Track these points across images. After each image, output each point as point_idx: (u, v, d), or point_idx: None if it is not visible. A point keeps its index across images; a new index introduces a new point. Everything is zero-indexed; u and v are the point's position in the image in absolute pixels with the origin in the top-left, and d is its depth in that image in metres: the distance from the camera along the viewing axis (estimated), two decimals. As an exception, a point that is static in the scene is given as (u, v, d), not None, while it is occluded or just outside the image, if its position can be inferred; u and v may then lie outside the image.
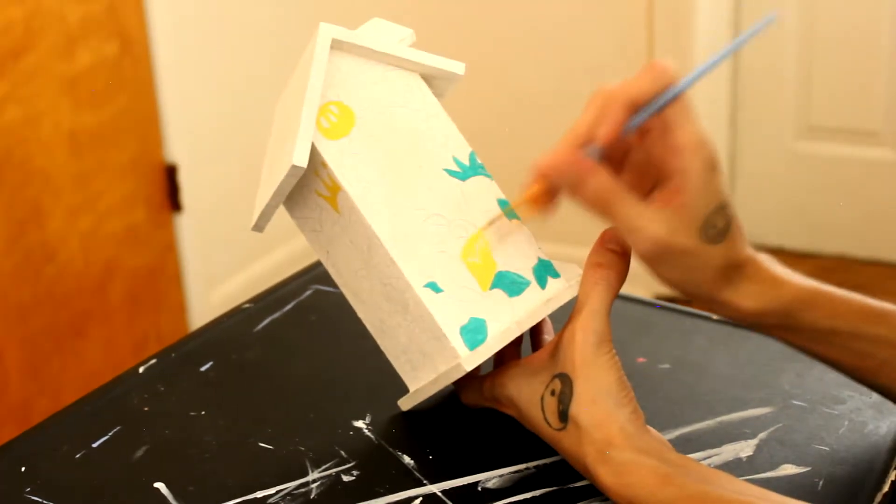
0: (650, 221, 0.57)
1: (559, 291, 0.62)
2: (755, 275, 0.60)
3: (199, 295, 2.07)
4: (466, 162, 0.64)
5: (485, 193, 0.64)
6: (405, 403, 0.67)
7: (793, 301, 0.60)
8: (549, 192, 0.60)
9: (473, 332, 0.60)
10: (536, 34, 2.19)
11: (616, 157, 0.61)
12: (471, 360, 0.60)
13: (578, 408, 0.58)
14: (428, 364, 0.62)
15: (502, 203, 0.64)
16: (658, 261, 0.58)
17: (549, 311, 0.62)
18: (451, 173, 0.64)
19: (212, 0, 2.09)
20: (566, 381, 0.59)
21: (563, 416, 0.59)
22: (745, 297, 0.60)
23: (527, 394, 0.61)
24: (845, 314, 0.61)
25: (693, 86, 0.58)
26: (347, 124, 0.63)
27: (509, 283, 0.62)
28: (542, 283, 0.63)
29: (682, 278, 0.59)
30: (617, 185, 0.58)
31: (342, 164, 0.62)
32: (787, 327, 0.61)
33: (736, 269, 0.59)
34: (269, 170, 0.65)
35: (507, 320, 0.61)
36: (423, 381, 0.64)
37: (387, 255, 0.61)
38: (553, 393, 0.60)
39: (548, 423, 0.60)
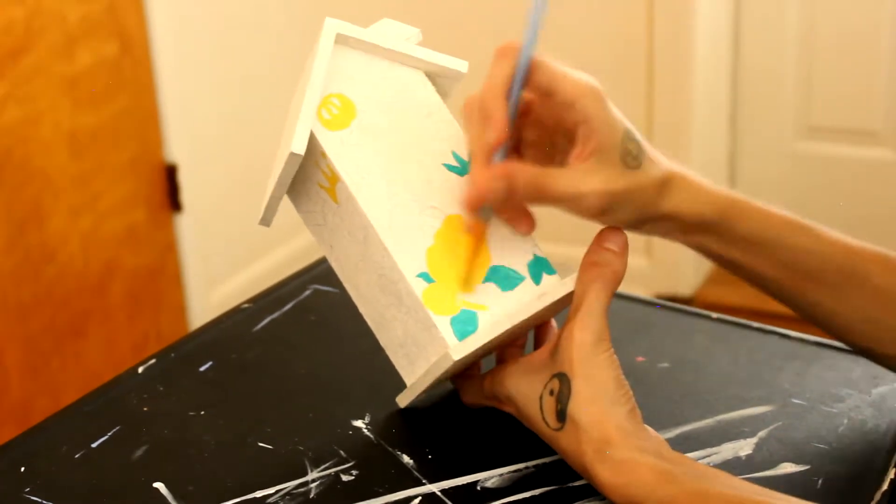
0: (581, 181, 0.59)
1: (553, 287, 0.62)
2: (686, 184, 0.62)
3: (199, 295, 2.07)
4: (466, 158, 0.64)
5: None
6: (402, 399, 0.67)
7: (724, 207, 0.62)
8: (481, 220, 0.62)
9: (464, 322, 0.60)
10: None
11: (516, 146, 0.63)
12: (459, 349, 0.60)
13: (577, 407, 0.58)
14: (422, 356, 0.63)
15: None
16: (608, 211, 0.60)
17: (543, 306, 0.62)
18: (450, 168, 0.64)
19: (212, 0, 2.10)
20: (564, 380, 0.59)
21: (561, 415, 0.59)
22: (685, 203, 0.62)
23: (525, 392, 0.61)
24: (773, 225, 0.63)
25: (535, 46, 0.59)
26: (348, 116, 0.64)
27: (503, 278, 0.62)
28: (537, 279, 0.63)
29: (632, 215, 0.61)
30: (536, 168, 0.59)
31: (341, 155, 0.62)
32: (720, 234, 0.63)
33: (667, 183, 0.61)
34: (276, 163, 0.66)
35: (498, 313, 0.61)
36: (417, 374, 0.64)
37: (381, 245, 0.61)
38: (552, 392, 0.60)
39: (546, 422, 0.60)
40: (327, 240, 0.67)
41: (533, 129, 0.63)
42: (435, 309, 0.61)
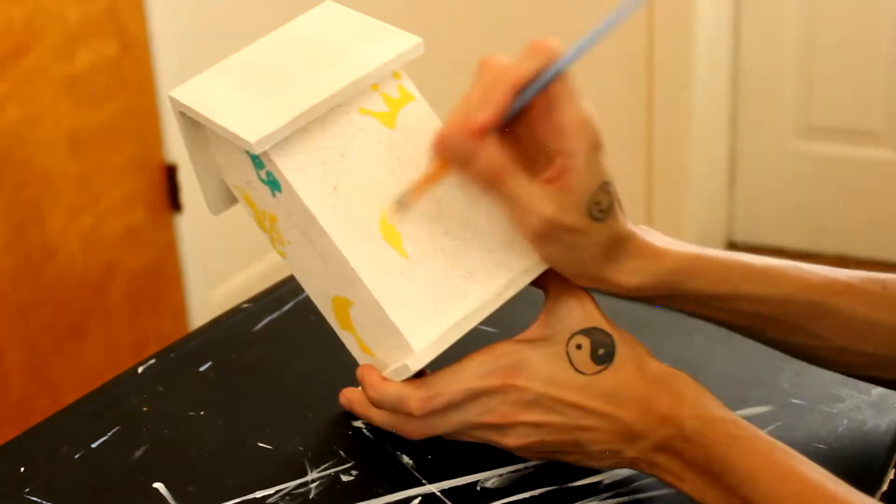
0: (539, 199, 0.57)
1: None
2: (636, 250, 0.61)
3: (199, 295, 2.07)
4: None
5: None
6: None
7: (674, 271, 0.61)
8: (441, 168, 0.60)
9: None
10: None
11: (502, 132, 0.60)
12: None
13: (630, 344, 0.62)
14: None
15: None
16: (546, 239, 0.59)
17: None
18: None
19: (212, 0, 2.10)
20: (593, 331, 0.61)
21: (607, 357, 0.60)
22: (627, 274, 0.61)
23: (547, 366, 0.60)
24: (728, 278, 0.62)
25: (573, 64, 0.57)
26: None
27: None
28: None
29: (568, 257, 0.60)
30: (506, 161, 0.58)
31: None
32: (671, 297, 0.63)
33: (618, 245, 0.60)
34: None
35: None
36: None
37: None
38: (579, 347, 0.60)
39: (581, 371, 0.60)
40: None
41: (517, 128, 0.61)
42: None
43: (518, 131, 0.60)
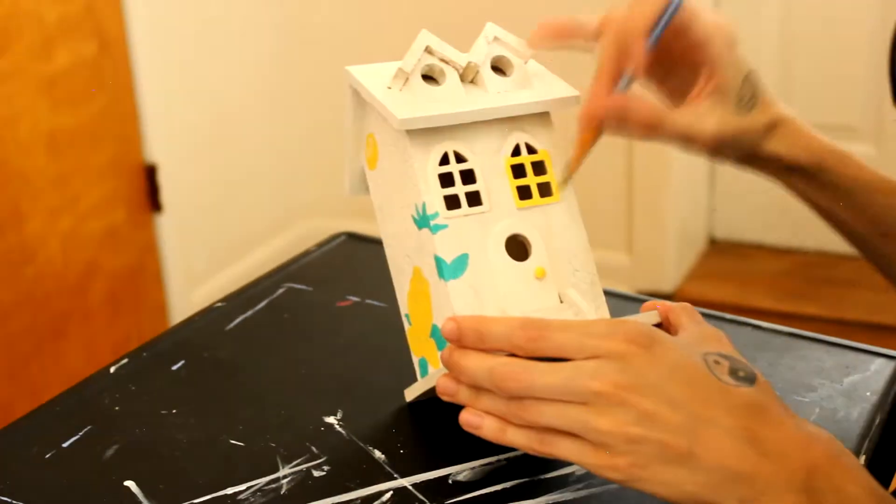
0: (697, 121, 0.64)
1: None
2: (790, 129, 0.68)
3: (179, 295, 2.07)
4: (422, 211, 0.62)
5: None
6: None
7: (822, 156, 0.68)
8: (593, 133, 0.64)
9: (421, 366, 0.64)
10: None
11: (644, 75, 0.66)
12: (410, 391, 0.66)
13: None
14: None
15: (439, 260, 0.59)
16: (718, 149, 0.66)
17: None
18: (413, 219, 0.62)
19: (190, 0, 2.09)
20: (732, 358, 0.53)
21: (749, 379, 0.51)
22: (782, 147, 0.68)
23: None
24: (865, 180, 0.69)
25: None
26: (376, 157, 0.65)
27: (440, 338, 0.60)
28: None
29: (738, 151, 0.68)
30: (656, 104, 0.65)
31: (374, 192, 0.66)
32: (813, 180, 0.69)
33: (773, 127, 0.67)
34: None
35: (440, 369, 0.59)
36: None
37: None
38: (717, 363, 0.52)
39: (719, 379, 0.51)
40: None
41: (658, 60, 0.66)
42: (413, 348, 0.64)
43: (655, 65, 0.66)
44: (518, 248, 0.61)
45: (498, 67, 0.64)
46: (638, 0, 0.63)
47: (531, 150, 0.62)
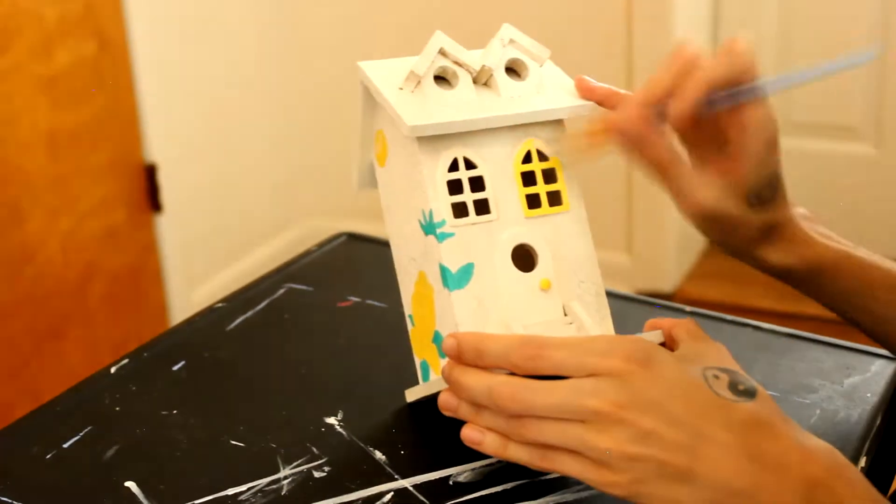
0: (700, 187, 0.61)
1: None
2: (791, 234, 0.64)
3: (179, 295, 2.07)
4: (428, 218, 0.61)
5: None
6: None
7: (818, 262, 0.64)
8: (606, 137, 0.62)
9: (423, 369, 0.64)
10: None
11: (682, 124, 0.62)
12: (411, 393, 0.66)
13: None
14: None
15: (444, 269, 0.59)
16: (702, 223, 0.62)
17: None
18: (420, 224, 0.62)
19: (190, 0, 2.09)
20: (732, 372, 0.54)
21: (749, 393, 0.52)
22: (775, 254, 0.64)
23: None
24: (869, 282, 0.65)
25: (774, 91, 0.60)
26: (385, 154, 0.65)
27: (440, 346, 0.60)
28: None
29: (723, 238, 0.64)
30: (675, 151, 0.61)
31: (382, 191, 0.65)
32: (811, 284, 0.65)
33: (773, 230, 0.63)
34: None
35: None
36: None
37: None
38: (717, 377, 0.53)
39: (718, 394, 0.52)
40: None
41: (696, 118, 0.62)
42: (415, 349, 0.64)
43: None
44: (524, 257, 0.60)
45: (512, 69, 0.63)
46: (730, 51, 0.59)
47: (543, 158, 0.62)
